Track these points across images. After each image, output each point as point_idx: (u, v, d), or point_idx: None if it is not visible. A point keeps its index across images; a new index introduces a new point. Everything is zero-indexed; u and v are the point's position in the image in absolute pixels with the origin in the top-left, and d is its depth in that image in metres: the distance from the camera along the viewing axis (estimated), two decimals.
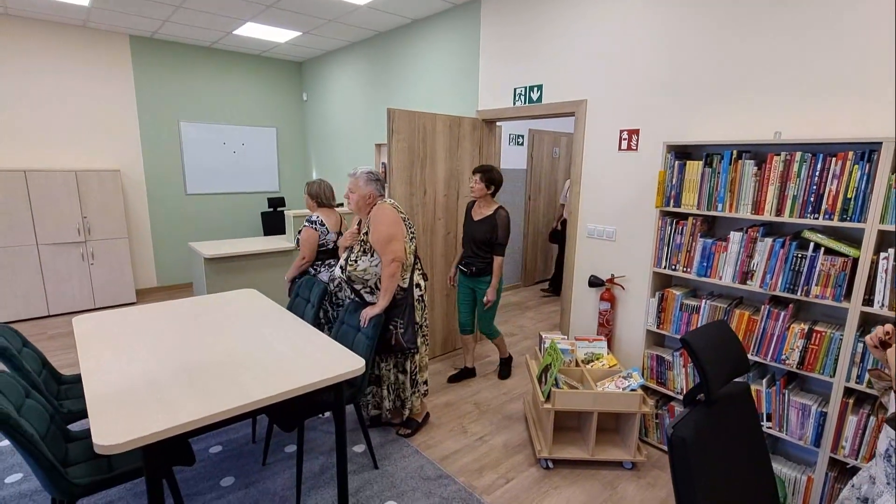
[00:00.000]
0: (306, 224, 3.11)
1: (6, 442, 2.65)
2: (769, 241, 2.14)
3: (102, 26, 4.77)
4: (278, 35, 4.93)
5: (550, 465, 2.53)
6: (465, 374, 3.53)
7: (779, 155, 2.09)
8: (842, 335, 1.97)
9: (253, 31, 4.79)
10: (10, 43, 4.47)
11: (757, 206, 2.18)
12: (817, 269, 2.01)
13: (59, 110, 4.80)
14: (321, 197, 3.20)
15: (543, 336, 2.96)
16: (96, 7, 4.16)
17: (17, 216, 4.37)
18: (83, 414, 2.08)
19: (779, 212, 2.11)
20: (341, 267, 2.51)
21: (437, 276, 3.74)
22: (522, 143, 5.91)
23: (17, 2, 4.06)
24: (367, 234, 2.46)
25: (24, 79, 4.58)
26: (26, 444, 1.49)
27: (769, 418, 2.21)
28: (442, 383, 3.45)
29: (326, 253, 3.15)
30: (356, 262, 2.44)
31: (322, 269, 3.13)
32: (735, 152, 2.23)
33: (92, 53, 4.88)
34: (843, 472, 2.10)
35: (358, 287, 2.49)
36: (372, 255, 2.44)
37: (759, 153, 2.31)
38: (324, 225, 3.08)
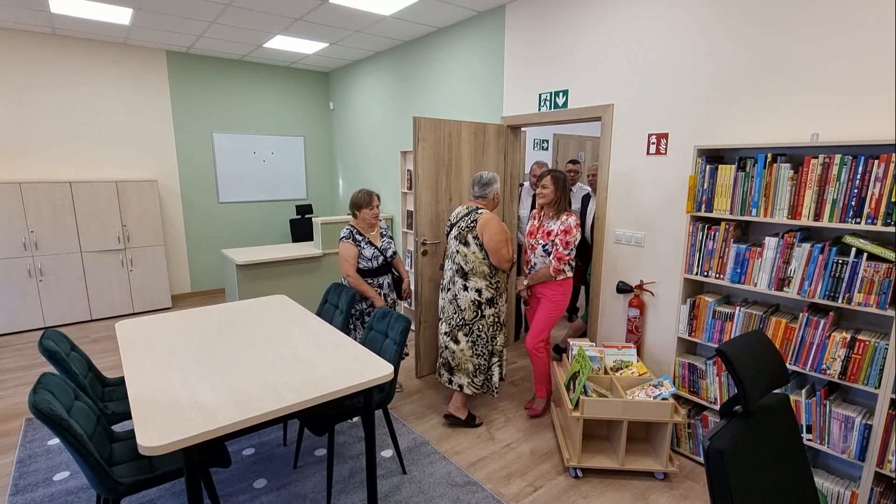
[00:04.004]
0: None
1: (54, 441, 2.79)
2: (807, 246, 2.07)
3: (141, 43, 4.99)
4: (306, 47, 5.06)
5: (579, 473, 2.50)
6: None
7: (816, 158, 2.03)
8: (887, 344, 1.89)
9: (282, 43, 4.93)
10: (57, 61, 4.73)
11: (793, 211, 2.12)
12: (860, 275, 1.94)
13: (102, 124, 5.04)
14: None
15: (571, 343, 2.94)
16: (136, 25, 4.36)
17: (63, 225, 4.60)
18: (126, 415, 2.18)
19: (817, 216, 2.05)
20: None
21: None
22: (547, 148, 5.88)
23: (63, 22, 4.29)
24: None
25: (70, 95, 4.83)
26: (76, 444, 1.56)
27: (809, 430, 2.13)
28: None
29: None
30: None
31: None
32: (769, 155, 2.17)
33: (131, 69, 5.11)
34: (889, 486, 2.01)
35: None
36: None
37: (794, 156, 2.24)
38: None
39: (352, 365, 2.03)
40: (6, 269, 4.40)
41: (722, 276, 2.39)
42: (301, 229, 6.20)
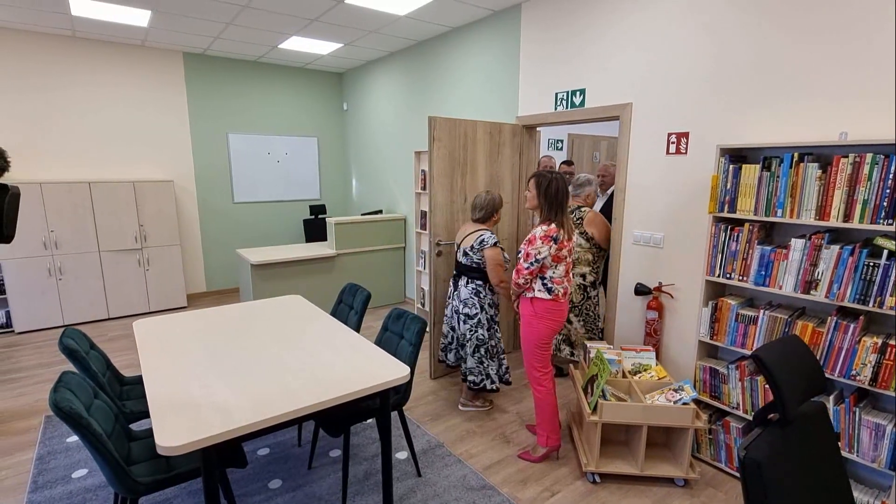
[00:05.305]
0: None
1: (73, 438, 2.81)
2: (836, 248, 2.01)
3: (159, 45, 5.05)
4: (321, 47, 5.08)
5: (597, 479, 2.45)
6: None
7: (846, 157, 1.96)
8: None
9: (297, 44, 4.95)
10: (77, 63, 4.80)
11: (821, 212, 2.06)
12: (892, 278, 1.87)
13: (120, 125, 5.10)
14: None
15: (588, 345, 2.89)
16: (154, 27, 4.40)
17: (82, 225, 4.67)
18: (143, 414, 2.18)
19: (847, 217, 1.98)
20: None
21: None
22: (562, 148, 5.83)
23: (83, 25, 4.35)
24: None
25: (89, 96, 4.90)
26: (95, 443, 1.57)
27: (838, 438, 2.07)
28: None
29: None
30: None
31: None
32: (796, 155, 2.11)
33: (149, 71, 5.17)
34: None
35: None
36: None
37: (822, 155, 2.18)
38: None
39: (368, 366, 2.02)
40: (27, 268, 4.47)
41: (745, 278, 2.33)
42: (315, 229, 6.22)
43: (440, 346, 3.31)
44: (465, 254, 2.97)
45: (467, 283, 2.99)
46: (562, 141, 5.75)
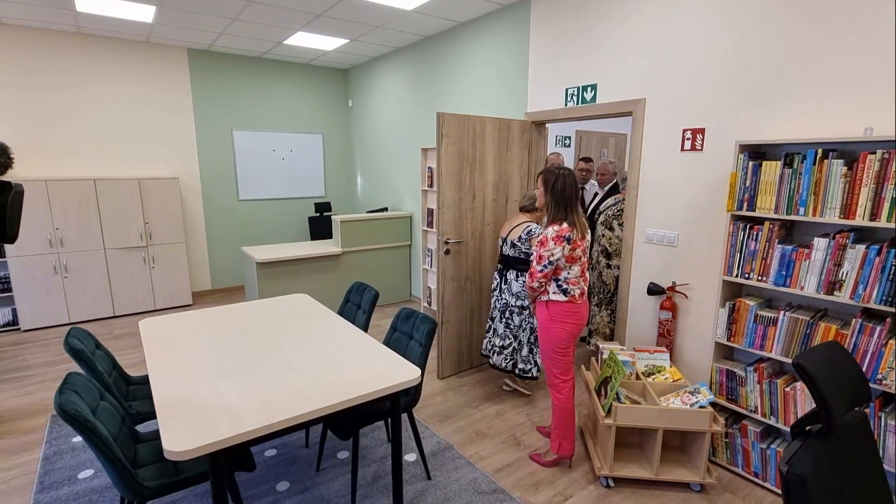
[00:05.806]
0: None
1: (79, 438, 2.78)
2: (861, 247, 1.95)
3: (163, 41, 5.01)
4: (326, 43, 5.02)
5: (611, 483, 2.40)
6: None
7: (874, 153, 1.90)
8: None
9: (302, 40, 4.89)
10: (82, 60, 4.76)
11: (846, 210, 1.99)
12: None
13: (124, 122, 5.07)
14: None
15: (601, 346, 2.84)
16: (159, 23, 4.36)
17: (88, 222, 4.64)
18: (150, 415, 2.15)
19: (874, 216, 1.92)
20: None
21: (483, 281, 3.67)
22: (569, 145, 5.76)
23: (87, 20, 4.31)
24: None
25: (94, 93, 4.87)
26: (101, 447, 1.53)
27: None
28: (491, 393, 3.37)
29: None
30: None
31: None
32: (819, 151, 2.04)
33: (154, 67, 5.13)
34: None
35: None
36: None
37: (847, 152, 2.11)
38: None
39: (377, 367, 1.97)
40: (33, 266, 4.45)
41: (765, 278, 2.27)
42: (320, 227, 6.17)
43: (504, 355, 3.17)
44: (513, 245, 3.03)
45: (517, 276, 3.05)
46: (569, 138, 5.68)
